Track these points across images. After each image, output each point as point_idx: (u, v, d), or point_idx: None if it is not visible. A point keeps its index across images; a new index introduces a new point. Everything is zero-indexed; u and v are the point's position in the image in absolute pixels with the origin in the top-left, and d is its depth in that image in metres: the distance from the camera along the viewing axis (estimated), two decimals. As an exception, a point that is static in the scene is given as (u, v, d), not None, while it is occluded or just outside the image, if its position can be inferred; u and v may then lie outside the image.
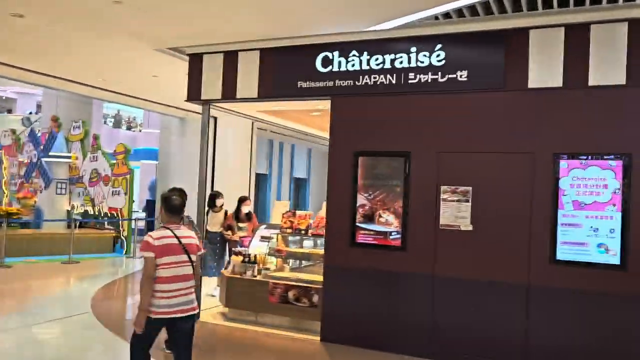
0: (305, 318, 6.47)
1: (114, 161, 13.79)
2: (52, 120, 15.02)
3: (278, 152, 18.25)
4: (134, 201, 14.09)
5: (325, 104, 6.85)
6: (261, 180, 17.03)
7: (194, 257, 3.86)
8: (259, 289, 6.74)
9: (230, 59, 6.76)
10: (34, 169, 14.97)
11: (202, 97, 6.96)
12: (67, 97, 16.05)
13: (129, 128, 29.27)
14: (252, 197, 13.79)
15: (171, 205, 3.93)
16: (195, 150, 13.38)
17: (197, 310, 3.93)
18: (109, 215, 13.56)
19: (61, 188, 14.70)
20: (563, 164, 5.21)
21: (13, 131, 16.75)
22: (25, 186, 15.21)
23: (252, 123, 13.47)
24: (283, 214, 7.23)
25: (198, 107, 12.07)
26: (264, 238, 7.59)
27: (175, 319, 3.75)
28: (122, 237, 13.35)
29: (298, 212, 7.17)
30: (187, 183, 13.55)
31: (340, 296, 6.08)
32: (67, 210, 14.81)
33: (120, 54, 7.57)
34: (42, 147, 14.56)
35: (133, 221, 13.33)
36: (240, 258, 7.12)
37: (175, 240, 3.78)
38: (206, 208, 7.52)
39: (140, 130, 27.78)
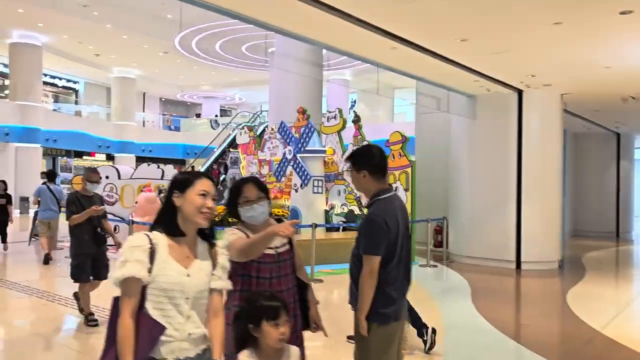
0: None
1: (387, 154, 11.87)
2: (300, 113, 13.66)
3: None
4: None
5: None
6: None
7: None
8: None
9: None
10: (286, 166, 13.70)
11: None
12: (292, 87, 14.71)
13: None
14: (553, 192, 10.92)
15: None
16: (492, 137, 10.76)
17: None
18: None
19: (317, 186, 13.23)
20: None
21: (250, 128, 15.85)
22: (274, 185, 14.06)
23: (561, 96, 10.72)
24: None
25: (513, 78, 9.37)
26: None
27: None
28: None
29: None
30: (490, 175, 10.72)
31: None
32: (325, 211, 13.31)
33: None
34: (299, 142, 13.18)
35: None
36: None
37: None
38: None
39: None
